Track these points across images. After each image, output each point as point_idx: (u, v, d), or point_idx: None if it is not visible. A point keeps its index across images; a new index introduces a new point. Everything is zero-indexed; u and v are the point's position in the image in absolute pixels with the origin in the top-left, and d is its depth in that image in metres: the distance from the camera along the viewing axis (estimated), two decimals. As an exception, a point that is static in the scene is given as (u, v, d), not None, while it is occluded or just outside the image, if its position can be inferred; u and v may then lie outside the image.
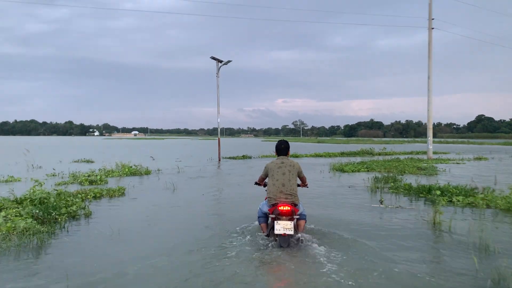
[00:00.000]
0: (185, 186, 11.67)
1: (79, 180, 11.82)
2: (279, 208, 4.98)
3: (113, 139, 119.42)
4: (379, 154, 30.30)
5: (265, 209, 5.33)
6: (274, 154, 5.75)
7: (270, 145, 58.42)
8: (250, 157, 25.86)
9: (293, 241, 5.07)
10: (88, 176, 12.64)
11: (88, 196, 8.88)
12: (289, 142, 5.72)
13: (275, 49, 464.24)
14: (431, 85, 23.75)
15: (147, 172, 14.89)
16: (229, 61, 22.15)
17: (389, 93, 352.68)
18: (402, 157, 25.72)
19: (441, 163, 20.78)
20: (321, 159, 25.02)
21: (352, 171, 16.19)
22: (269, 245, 5.06)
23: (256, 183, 5.99)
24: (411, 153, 32.12)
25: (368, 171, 16.42)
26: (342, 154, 28.56)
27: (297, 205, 5.28)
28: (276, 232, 4.89)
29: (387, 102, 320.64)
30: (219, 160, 23.15)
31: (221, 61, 22.33)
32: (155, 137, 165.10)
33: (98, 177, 11.92)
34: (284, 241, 4.91)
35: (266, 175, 5.59)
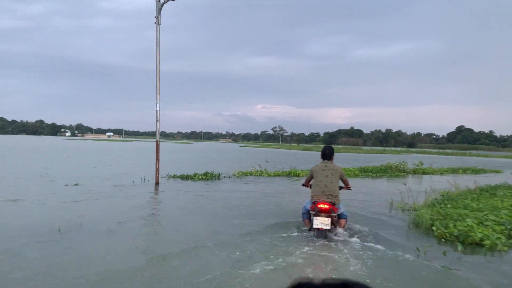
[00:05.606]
0: None
1: None
2: (319, 205, 5.62)
3: (78, 139, 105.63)
4: (414, 172, 20.28)
5: (308, 206, 5.95)
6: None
7: (251, 152, 47.62)
8: (218, 176, 14.63)
9: (330, 235, 5.61)
10: None
11: None
12: (333, 149, 6.55)
13: (254, 55, 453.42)
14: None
15: None
16: (178, -8, 11.50)
17: (365, 103, 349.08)
18: (466, 179, 15.67)
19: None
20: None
21: (481, 240, 5.86)
22: (308, 237, 5.60)
23: (303, 185, 6.58)
24: (457, 171, 22.00)
25: (511, 236, 6.21)
26: (364, 172, 18.17)
27: (336, 204, 5.80)
28: (314, 226, 5.56)
29: (364, 111, 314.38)
30: (157, 183, 12.23)
31: (163, -6, 11.68)
32: (127, 139, 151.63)
33: None
34: (320, 234, 5.51)
35: (311, 177, 6.19)
